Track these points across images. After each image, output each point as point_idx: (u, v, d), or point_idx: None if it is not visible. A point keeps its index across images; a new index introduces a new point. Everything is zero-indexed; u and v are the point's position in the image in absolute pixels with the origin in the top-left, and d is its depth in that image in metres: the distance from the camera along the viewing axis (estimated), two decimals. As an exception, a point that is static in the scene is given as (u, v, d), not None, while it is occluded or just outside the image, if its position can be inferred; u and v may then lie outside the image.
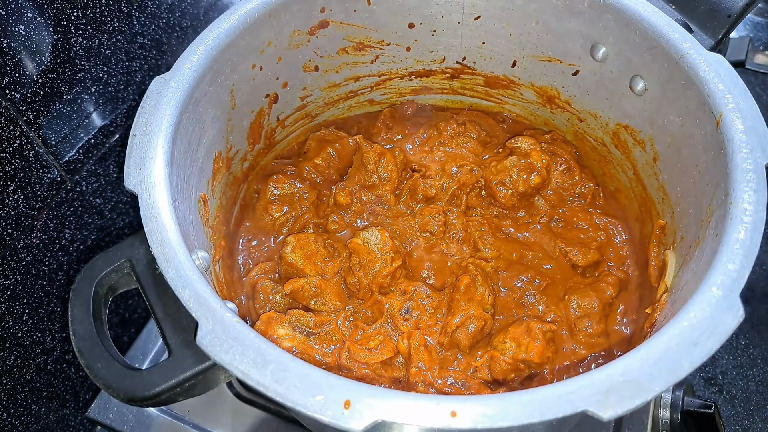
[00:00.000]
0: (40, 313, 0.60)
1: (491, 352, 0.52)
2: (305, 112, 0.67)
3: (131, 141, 0.44)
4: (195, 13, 0.69)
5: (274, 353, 0.35)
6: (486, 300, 0.55)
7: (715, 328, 0.34)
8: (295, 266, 0.57)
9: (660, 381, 0.32)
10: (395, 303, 0.55)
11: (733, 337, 0.92)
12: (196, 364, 0.44)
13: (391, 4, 0.61)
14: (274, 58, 0.58)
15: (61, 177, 0.58)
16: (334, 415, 0.32)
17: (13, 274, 0.56)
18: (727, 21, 0.61)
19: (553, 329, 0.52)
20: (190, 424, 0.64)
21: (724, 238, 0.39)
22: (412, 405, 0.33)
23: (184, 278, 0.38)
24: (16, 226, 0.54)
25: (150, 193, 0.41)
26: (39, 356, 0.61)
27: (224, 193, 0.58)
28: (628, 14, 0.51)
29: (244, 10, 0.52)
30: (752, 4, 0.60)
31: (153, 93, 0.46)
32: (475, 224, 0.61)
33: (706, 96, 0.45)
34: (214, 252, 0.53)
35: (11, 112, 0.50)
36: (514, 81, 0.66)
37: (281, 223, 0.62)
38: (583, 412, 0.32)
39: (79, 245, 0.63)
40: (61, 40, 0.53)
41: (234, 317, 0.37)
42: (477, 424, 0.32)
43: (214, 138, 0.54)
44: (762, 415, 0.87)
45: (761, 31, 0.86)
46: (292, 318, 0.53)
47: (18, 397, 0.59)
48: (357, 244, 0.56)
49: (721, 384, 0.89)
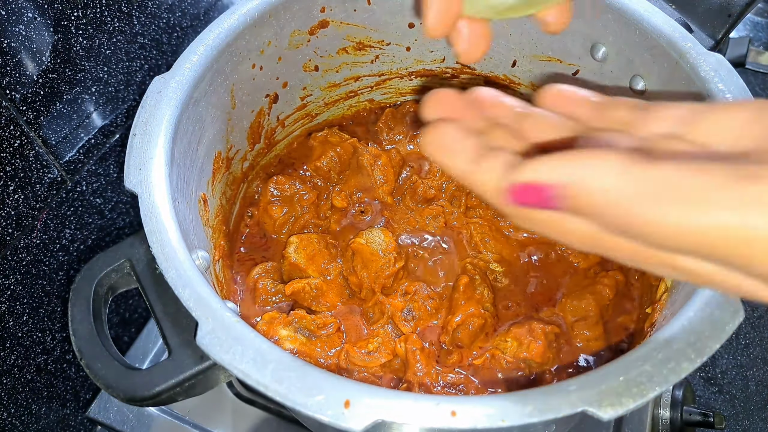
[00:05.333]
0: (40, 312, 0.60)
1: (492, 350, 0.52)
2: (305, 112, 0.67)
3: (131, 141, 0.44)
4: (195, 13, 0.69)
5: (274, 353, 0.35)
6: (485, 299, 0.55)
7: (715, 328, 0.34)
8: (298, 266, 0.57)
9: (660, 381, 0.32)
10: (396, 303, 0.55)
11: (733, 337, 0.92)
12: (196, 364, 0.44)
13: (391, 4, 0.61)
14: (274, 58, 0.58)
15: (61, 177, 0.58)
16: (334, 415, 0.32)
17: (13, 274, 0.56)
18: (727, 21, 0.61)
19: (555, 330, 0.53)
20: (190, 424, 0.64)
21: (724, 238, 0.39)
22: (412, 405, 0.33)
23: (184, 278, 0.38)
24: (16, 226, 0.54)
25: (150, 193, 0.41)
26: (39, 356, 0.61)
27: (224, 192, 0.58)
28: (628, 14, 0.51)
29: (244, 10, 0.52)
30: (752, 4, 0.60)
31: (153, 93, 0.46)
32: (475, 225, 0.61)
33: (706, 96, 0.45)
34: (214, 252, 0.53)
35: (11, 112, 0.50)
36: (514, 81, 0.66)
37: (281, 223, 0.62)
38: (583, 412, 0.32)
39: (79, 245, 0.63)
40: (62, 40, 0.53)
41: (234, 317, 0.37)
42: (477, 424, 0.32)
43: (214, 138, 0.54)
44: (762, 415, 0.87)
45: (761, 31, 0.86)
46: (294, 319, 0.53)
47: (18, 397, 0.59)
48: (360, 245, 0.56)
49: (721, 384, 0.89)
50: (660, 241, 0.22)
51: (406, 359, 0.52)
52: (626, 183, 0.22)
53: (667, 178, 0.21)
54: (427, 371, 0.51)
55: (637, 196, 0.22)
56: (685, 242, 0.22)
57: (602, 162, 0.23)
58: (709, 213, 0.21)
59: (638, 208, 0.22)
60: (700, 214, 0.21)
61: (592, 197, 0.23)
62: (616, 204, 0.22)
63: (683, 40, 0.48)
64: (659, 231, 0.22)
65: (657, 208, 0.21)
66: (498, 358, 0.52)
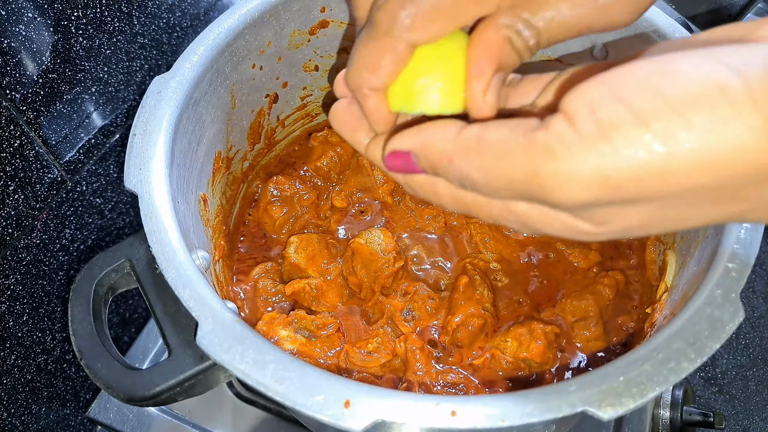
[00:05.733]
0: (40, 312, 0.60)
1: (492, 350, 0.53)
2: (305, 112, 0.67)
3: (131, 141, 0.44)
4: (195, 13, 0.69)
5: (274, 353, 0.35)
6: (485, 299, 0.55)
7: (715, 328, 0.34)
8: (298, 267, 0.57)
9: (660, 381, 0.32)
10: (396, 303, 0.55)
11: (733, 337, 0.92)
12: (196, 364, 0.44)
13: (391, 4, 0.61)
14: (274, 58, 0.58)
15: (61, 177, 0.58)
16: (334, 415, 0.32)
17: (13, 274, 0.56)
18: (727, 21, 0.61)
19: (555, 330, 0.53)
20: (190, 424, 0.64)
21: (724, 237, 0.39)
22: (412, 405, 0.33)
23: (184, 278, 0.38)
24: (16, 226, 0.54)
25: (150, 193, 0.41)
26: (39, 356, 0.61)
27: (224, 192, 0.58)
28: (628, 14, 0.51)
29: (244, 10, 0.52)
30: (752, 3, 0.60)
31: (153, 93, 0.46)
32: (475, 225, 0.61)
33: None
34: (214, 252, 0.53)
35: (11, 112, 0.50)
36: (514, 81, 0.66)
37: (281, 223, 0.62)
38: (583, 412, 0.32)
39: (79, 245, 0.63)
40: (62, 40, 0.53)
41: (234, 317, 0.37)
42: (477, 424, 0.32)
43: (214, 138, 0.54)
44: (762, 415, 0.87)
45: (761, 31, 0.86)
46: (294, 320, 0.53)
47: (18, 397, 0.59)
48: (360, 245, 0.56)
49: (721, 384, 0.89)
50: (486, 190, 0.27)
51: (406, 359, 0.52)
52: (454, 144, 0.27)
53: (479, 136, 0.26)
54: (426, 371, 0.51)
55: (461, 152, 0.27)
56: (500, 186, 0.26)
57: (441, 129, 0.28)
58: (500, 162, 0.25)
59: (463, 162, 0.27)
60: (494, 164, 0.26)
61: (434, 157, 0.28)
62: (450, 162, 0.27)
63: (683, 40, 0.48)
64: (480, 179, 0.26)
65: (477, 160, 0.26)
66: (498, 358, 0.52)
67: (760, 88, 0.21)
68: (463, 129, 0.27)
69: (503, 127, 0.26)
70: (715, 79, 0.21)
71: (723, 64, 0.21)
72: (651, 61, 0.23)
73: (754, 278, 0.94)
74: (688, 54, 0.23)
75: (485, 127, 0.27)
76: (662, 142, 0.21)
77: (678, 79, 0.22)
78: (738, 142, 0.21)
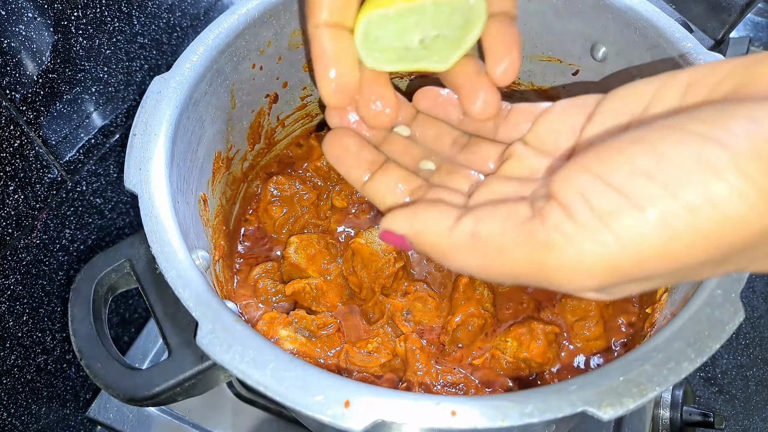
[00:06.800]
0: (40, 313, 0.60)
1: (492, 350, 0.52)
2: (305, 112, 0.67)
3: (131, 141, 0.44)
4: (195, 13, 0.69)
5: (274, 353, 0.35)
6: (485, 299, 0.55)
7: (715, 328, 0.34)
8: (298, 267, 0.57)
9: (660, 381, 0.32)
10: (396, 304, 0.55)
11: (733, 337, 0.92)
12: (196, 364, 0.44)
13: (391, 4, 0.61)
14: (274, 58, 0.58)
15: (61, 177, 0.58)
16: (334, 415, 0.32)
17: (13, 274, 0.56)
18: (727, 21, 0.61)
19: (555, 330, 0.53)
20: (190, 424, 0.64)
21: (724, 238, 0.39)
22: (412, 405, 0.33)
23: (184, 278, 0.38)
24: (16, 226, 0.54)
25: (150, 193, 0.41)
26: (39, 356, 0.61)
27: (224, 192, 0.58)
28: (628, 14, 0.51)
29: (244, 10, 0.52)
30: (752, 3, 0.60)
31: (153, 93, 0.46)
32: (475, 224, 0.61)
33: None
34: (214, 252, 0.53)
35: (11, 112, 0.50)
36: (513, 81, 0.66)
37: (281, 223, 0.62)
38: (583, 412, 0.32)
39: (79, 245, 0.63)
40: (62, 40, 0.53)
41: (234, 317, 0.37)
42: (477, 424, 0.32)
43: (214, 138, 0.54)
44: (762, 415, 0.87)
45: (761, 31, 0.86)
46: (294, 320, 0.53)
47: (18, 397, 0.59)
48: (360, 244, 0.56)
49: (721, 384, 0.89)
50: (488, 279, 0.28)
51: (406, 358, 0.52)
52: (445, 239, 0.28)
53: (475, 233, 0.27)
54: (426, 371, 0.51)
55: (452, 248, 0.28)
56: (502, 279, 0.27)
57: (434, 220, 0.29)
58: (499, 259, 0.26)
59: (458, 257, 0.28)
60: (494, 260, 0.26)
61: (428, 247, 0.29)
62: (444, 255, 0.28)
63: (683, 40, 0.48)
64: (480, 273, 0.27)
65: (474, 258, 0.27)
66: (498, 358, 0.52)
67: (745, 158, 0.21)
68: (456, 222, 0.28)
69: (496, 220, 0.26)
70: (707, 158, 0.22)
71: (710, 139, 0.22)
72: (632, 140, 0.24)
73: (754, 278, 0.94)
74: (670, 128, 0.23)
75: (478, 221, 0.27)
76: (662, 225, 0.22)
77: (668, 162, 0.23)
78: (734, 213, 0.22)
